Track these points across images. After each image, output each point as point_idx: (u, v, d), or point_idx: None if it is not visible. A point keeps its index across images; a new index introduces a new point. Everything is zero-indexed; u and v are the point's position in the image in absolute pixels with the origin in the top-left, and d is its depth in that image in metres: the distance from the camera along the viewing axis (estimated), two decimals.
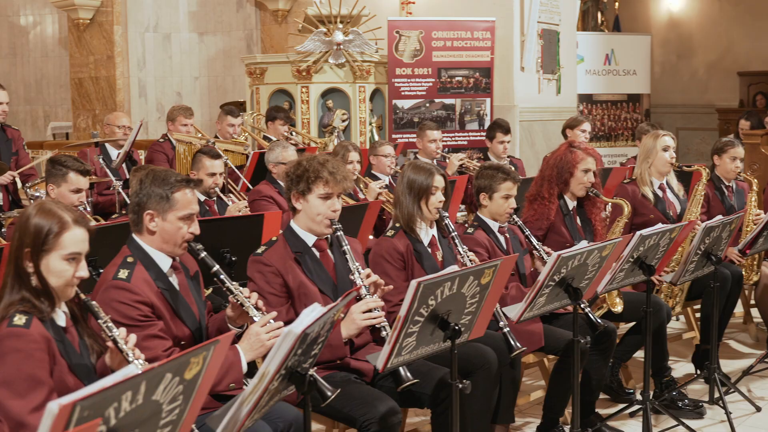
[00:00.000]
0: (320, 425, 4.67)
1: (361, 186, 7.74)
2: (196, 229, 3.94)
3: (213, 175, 6.55)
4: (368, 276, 4.33)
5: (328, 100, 10.85)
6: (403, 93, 11.00)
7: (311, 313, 3.13)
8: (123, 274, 3.77)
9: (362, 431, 4.11)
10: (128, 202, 6.74)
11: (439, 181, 5.03)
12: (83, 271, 3.31)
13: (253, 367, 3.96)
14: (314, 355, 3.39)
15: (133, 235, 3.94)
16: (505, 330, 4.76)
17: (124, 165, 8.11)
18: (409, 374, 4.12)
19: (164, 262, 3.92)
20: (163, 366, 2.42)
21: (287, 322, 4.23)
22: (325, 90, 10.86)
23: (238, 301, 3.89)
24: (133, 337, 3.35)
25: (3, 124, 7.92)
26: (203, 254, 3.97)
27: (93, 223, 3.72)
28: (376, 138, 10.74)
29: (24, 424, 3.03)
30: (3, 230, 6.10)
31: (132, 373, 2.33)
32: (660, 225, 5.28)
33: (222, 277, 3.93)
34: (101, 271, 4.02)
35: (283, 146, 7.37)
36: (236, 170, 7.83)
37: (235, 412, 2.98)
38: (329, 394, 3.47)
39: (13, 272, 3.28)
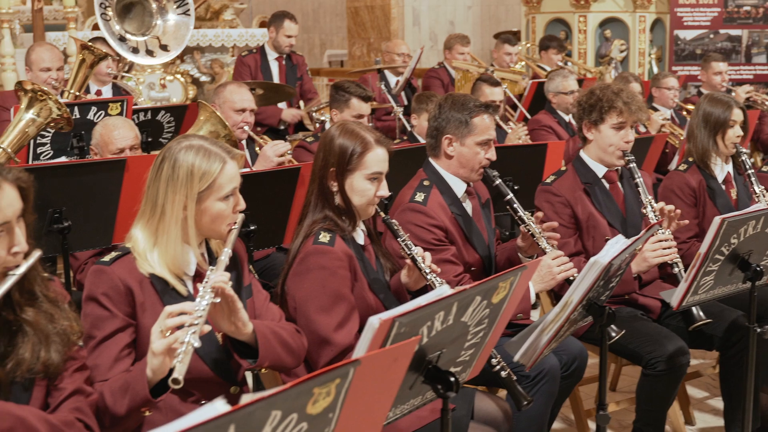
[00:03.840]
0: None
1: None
2: (492, 155, 3.92)
3: (492, 102, 6.52)
4: (661, 210, 4.16)
5: (606, 29, 10.53)
6: (685, 23, 10.50)
7: (615, 245, 3.03)
8: (419, 197, 3.81)
9: (648, 369, 4.01)
10: (407, 128, 6.87)
11: (737, 114, 4.76)
12: (384, 190, 3.36)
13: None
14: (611, 288, 3.30)
15: (430, 159, 3.97)
16: None
17: (402, 92, 8.23)
18: (701, 313, 3.97)
19: (459, 188, 3.93)
20: (474, 288, 2.41)
21: (575, 254, 4.18)
22: (604, 19, 10.54)
23: (529, 231, 3.84)
24: (428, 255, 3.38)
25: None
26: (498, 181, 3.94)
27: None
28: (655, 70, 10.35)
29: (328, 340, 3.13)
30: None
31: (446, 293, 2.34)
32: None
33: (515, 205, 3.88)
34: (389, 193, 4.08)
35: (564, 75, 7.23)
36: (514, 99, 7.76)
37: (534, 340, 2.96)
38: (613, 335, 3.42)
39: (317, 191, 3.36)
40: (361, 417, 2.03)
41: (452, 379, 2.40)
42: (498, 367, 3.24)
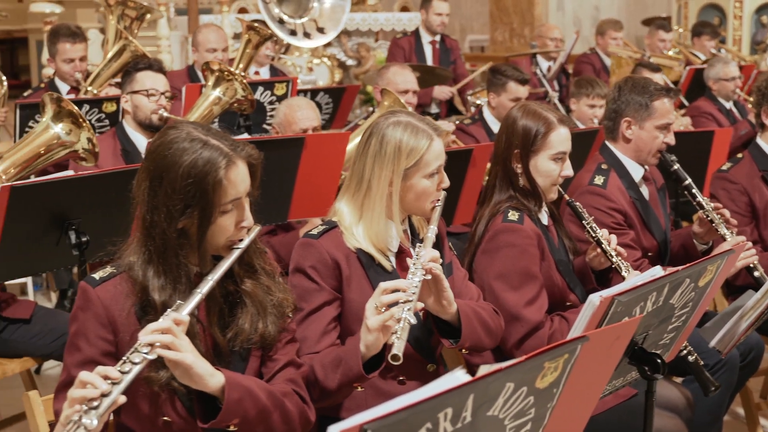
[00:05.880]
0: None
1: None
2: (671, 139, 3.87)
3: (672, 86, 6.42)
4: None
5: (762, 15, 10.22)
6: None
7: None
8: (599, 180, 3.79)
9: None
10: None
11: None
12: (568, 170, 3.34)
13: None
14: None
15: (607, 143, 3.94)
16: None
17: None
18: None
19: (636, 172, 3.89)
20: (685, 270, 2.39)
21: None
22: (761, 5, 10.23)
23: (707, 217, 3.78)
24: (614, 238, 3.35)
25: (443, 35, 8.27)
26: (677, 166, 3.89)
27: None
28: None
29: (518, 317, 3.13)
30: None
31: (658, 274, 2.33)
32: None
33: (693, 190, 3.83)
34: None
35: (725, 62, 7.08)
36: (672, 85, 7.60)
37: (732, 326, 2.91)
38: None
39: (501, 172, 3.37)
40: (580, 394, 2.03)
41: (659, 361, 2.39)
42: (685, 351, 3.19)
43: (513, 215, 3.24)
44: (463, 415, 1.68)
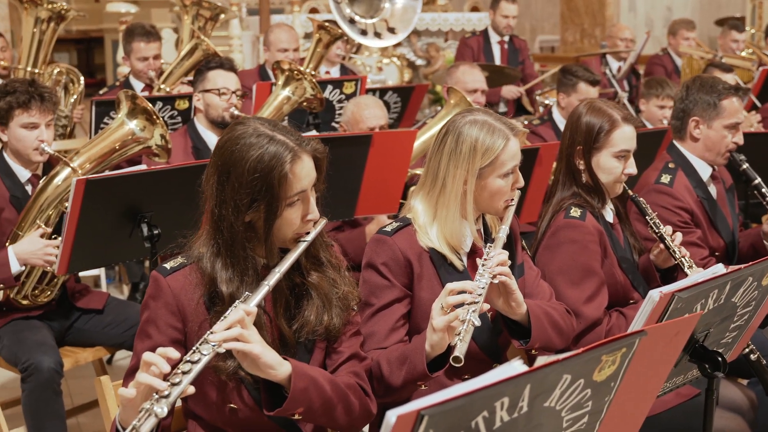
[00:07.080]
0: None
1: None
2: (739, 138, 3.85)
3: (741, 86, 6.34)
4: None
5: None
6: None
7: None
8: (665, 179, 3.78)
9: None
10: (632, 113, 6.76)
11: None
12: (632, 168, 3.34)
13: None
14: None
15: (674, 142, 3.93)
16: None
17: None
18: None
19: (704, 171, 3.88)
20: (748, 269, 2.38)
21: None
22: None
23: None
24: (678, 235, 3.35)
25: (511, 35, 8.26)
26: (745, 165, 3.88)
27: None
28: None
29: (577, 313, 3.13)
30: None
31: (720, 272, 2.32)
32: None
33: (763, 190, 3.82)
34: None
35: None
36: (743, 86, 7.50)
37: None
38: None
39: (565, 169, 3.38)
40: (638, 389, 2.04)
41: (719, 358, 2.38)
42: (747, 350, 3.17)
43: (575, 212, 3.25)
44: (519, 404, 1.71)
